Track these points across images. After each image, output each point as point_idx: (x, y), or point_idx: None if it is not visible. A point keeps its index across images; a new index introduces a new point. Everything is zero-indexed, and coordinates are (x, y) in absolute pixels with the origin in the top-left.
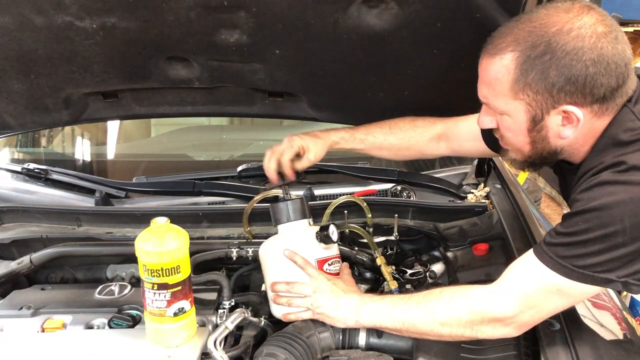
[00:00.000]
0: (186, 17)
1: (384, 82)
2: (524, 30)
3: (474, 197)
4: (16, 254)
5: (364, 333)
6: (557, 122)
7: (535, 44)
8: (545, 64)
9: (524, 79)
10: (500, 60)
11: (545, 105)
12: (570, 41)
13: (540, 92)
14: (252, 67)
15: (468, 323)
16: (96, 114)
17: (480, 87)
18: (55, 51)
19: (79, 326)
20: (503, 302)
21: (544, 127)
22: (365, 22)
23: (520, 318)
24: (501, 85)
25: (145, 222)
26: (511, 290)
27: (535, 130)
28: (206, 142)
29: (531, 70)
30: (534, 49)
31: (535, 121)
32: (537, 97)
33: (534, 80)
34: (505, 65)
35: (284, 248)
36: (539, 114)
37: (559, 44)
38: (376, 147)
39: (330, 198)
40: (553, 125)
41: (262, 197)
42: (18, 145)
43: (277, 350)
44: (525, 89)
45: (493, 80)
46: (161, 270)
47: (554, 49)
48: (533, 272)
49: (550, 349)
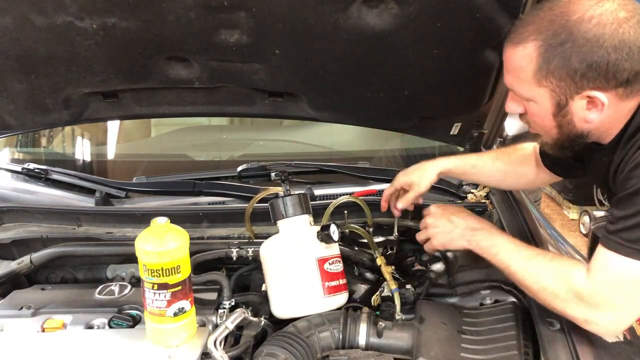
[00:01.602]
0: (186, 17)
1: (384, 82)
2: (545, 19)
3: (473, 197)
4: (16, 254)
5: (364, 333)
6: (582, 107)
7: (557, 32)
8: (566, 51)
9: (547, 67)
10: (523, 49)
11: (568, 91)
12: (591, 29)
13: (563, 78)
14: (252, 67)
15: (562, 299)
16: (96, 114)
17: (505, 74)
18: (55, 51)
19: (79, 326)
20: (594, 288)
21: (568, 112)
22: (365, 22)
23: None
24: (525, 73)
25: (145, 222)
26: (599, 279)
27: (561, 115)
28: (206, 142)
29: (553, 59)
30: (555, 37)
31: (560, 106)
32: (560, 84)
33: (556, 67)
34: (528, 54)
35: (284, 248)
36: (563, 100)
37: (580, 31)
38: (486, 171)
39: (330, 198)
40: (578, 109)
41: (262, 196)
42: (18, 145)
43: (277, 350)
44: (548, 77)
45: (517, 68)
46: (161, 270)
47: (575, 37)
48: (611, 263)
49: (550, 349)
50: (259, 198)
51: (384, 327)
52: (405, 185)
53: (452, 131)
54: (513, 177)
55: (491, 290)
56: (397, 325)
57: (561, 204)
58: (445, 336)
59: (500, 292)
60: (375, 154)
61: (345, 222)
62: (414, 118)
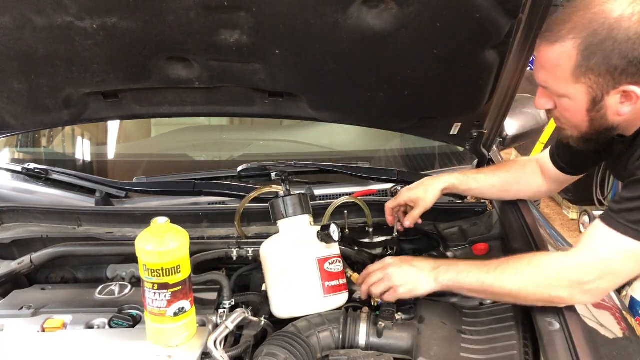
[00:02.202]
0: (186, 18)
1: (384, 82)
2: (584, 18)
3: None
4: (16, 253)
5: (364, 333)
6: (616, 101)
7: (597, 31)
8: (607, 49)
9: (586, 64)
10: (561, 47)
11: (606, 86)
12: (632, 26)
13: (603, 74)
14: (252, 67)
15: (546, 287)
16: (96, 114)
17: (538, 72)
18: (55, 51)
19: (79, 326)
20: (580, 268)
21: (603, 107)
22: (365, 23)
23: (598, 285)
24: (562, 71)
25: (145, 222)
26: (587, 257)
27: (595, 110)
28: (206, 142)
29: (593, 56)
30: (595, 36)
31: (596, 102)
32: (598, 80)
33: (596, 64)
34: (567, 52)
35: (284, 247)
36: (600, 95)
37: (622, 29)
38: (488, 184)
39: (330, 198)
40: (612, 103)
41: (254, 196)
42: (18, 145)
43: (277, 350)
44: (587, 73)
45: (554, 66)
46: (161, 270)
47: (616, 35)
48: (606, 239)
49: (550, 349)
50: (250, 199)
51: (384, 327)
52: (410, 202)
53: (452, 131)
54: (516, 188)
55: None
56: (397, 325)
57: (561, 204)
58: (445, 336)
59: None
60: (375, 154)
61: (345, 222)
62: (414, 118)
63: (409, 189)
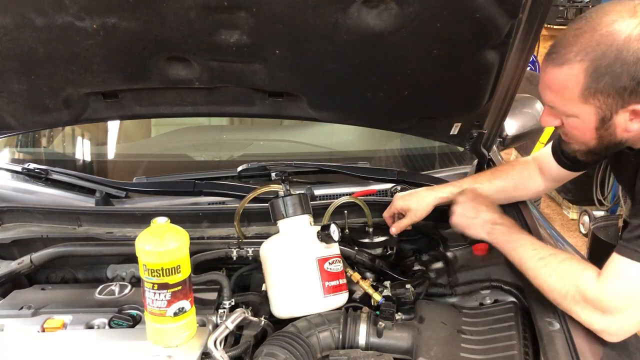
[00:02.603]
0: (186, 18)
1: (384, 82)
2: (591, 40)
3: None
4: (16, 253)
5: (364, 333)
6: (625, 119)
7: (605, 53)
8: (616, 71)
9: (595, 86)
10: (568, 70)
11: (615, 106)
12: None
13: (612, 95)
14: (252, 67)
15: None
16: (96, 114)
17: (545, 93)
18: (55, 51)
19: (79, 326)
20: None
21: (612, 125)
22: (365, 23)
23: (619, 319)
24: (571, 93)
25: (145, 222)
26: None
27: (604, 129)
28: (206, 142)
29: (602, 78)
30: (604, 58)
31: (604, 121)
32: (607, 101)
33: (605, 86)
34: (575, 75)
35: (284, 247)
36: (608, 114)
37: (630, 51)
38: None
39: (330, 198)
40: (621, 121)
41: (254, 196)
42: (18, 145)
43: (277, 350)
44: (596, 95)
45: (561, 88)
46: (161, 270)
47: (625, 57)
48: (623, 268)
49: (550, 349)
50: (250, 198)
51: (384, 327)
52: (402, 210)
53: (452, 131)
54: (514, 194)
55: (491, 290)
56: (397, 325)
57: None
58: (445, 336)
59: (500, 292)
60: (375, 154)
61: (345, 222)
62: (414, 118)
63: (403, 198)
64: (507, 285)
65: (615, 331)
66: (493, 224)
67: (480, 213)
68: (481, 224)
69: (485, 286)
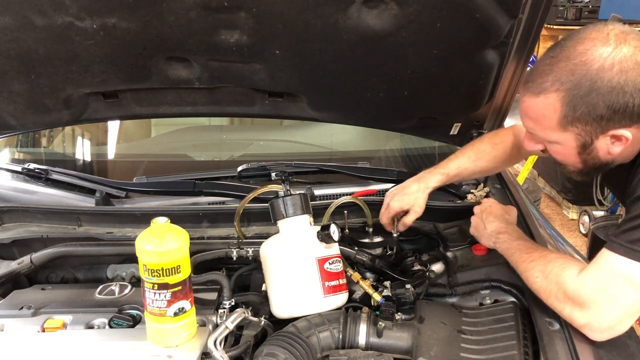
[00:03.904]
0: (186, 18)
1: (384, 82)
2: (565, 69)
3: (473, 197)
4: (17, 253)
5: (364, 333)
6: (607, 143)
7: (580, 83)
8: (592, 100)
9: (572, 114)
10: (545, 100)
11: (594, 132)
12: (614, 76)
13: (590, 123)
14: (253, 68)
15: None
16: (96, 114)
17: (524, 120)
18: (55, 51)
19: (80, 326)
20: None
21: (593, 150)
22: (365, 23)
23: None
24: (549, 121)
25: (145, 222)
26: (588, 278)
27: (586, 153)
28: (206, 142)
29: (579, 107)
30: (579, 88)
31: (585, 146)
32: (586, 128)
33: (582, 115)
34: (551, 104)
35: (284, 247)
36: (589, 140)
37: (604, 80)
38: (469, 174)
39: (330, 198)
40: (602, 145)
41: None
42: (18, 145)
43: (277, 350)
44: (574, 123)
45: (540, 117)
46: (161, 270)
47: (599, 87)
48: (606, 262)
49: (550, 349)
50: (250, 198)
51: (384, 327)
52: (401, 211)
53: (452, 131)
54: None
55: (491, 290)
56: (397, 325)
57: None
58: (445, 336)
59: (500, 292)
60: (375, 154)
61: (345, 222)
62: (414, 118)
63: (397, 200)
64: (507, 285)
65: (597, 326)
66: (498, 234)
67: (488, 224)
68: (488, 235)
69: (485, 286)
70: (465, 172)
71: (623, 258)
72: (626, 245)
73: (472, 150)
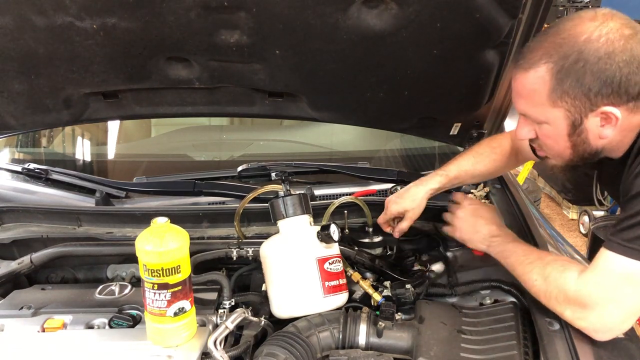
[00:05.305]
0: (186, 18)
1: (384, 82)
2: (553, 43)
3: (473, 197)
4: (17, 253)
5: (364, 333)
6: (597, 124)
7: (567, 53)
8: (579, 70)
9: (561, 87)
10: (535, 73)
11: (583, 109)
12: (601, 47)
13: (578, 97)
14: (252, 68)
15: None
16: (96, 114)
17: (517, 100)
18: (55, 51)
19: (80, 326)
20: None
21: (583, 131)
22: (365, 23)
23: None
24: (539, 96)
25: (145, 222)
26: (589, 279)
27: (576, 135)
28: (206, 142)
29: (567, 79)
30: (566, 58)
31: (575, 125)
32: (575, 103)
33: (570, 87)
34: (541, 77)
35: (284, 247)
36: (578, 119)
37: (591, 50)
38: (469, 177)
39: (330, 198)
40: (593, 127)
41: (254, 196)
42: (18, 145)
43: (277, 350)
44: (563, 97)
45: (530, 92)
46: (161, 270)
47: (587, 56)
48: (605, 262)
49: (550, 349)
50: (250, 199)
51: (384, 327)
52: (398, 214)
53: (452, 131)
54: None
55: (491, 290)
56: (397, 325)
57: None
58: (445, 336)
59: (500, 292)
60: (375, 154)
61: (345, 222)
62: (414, 118)
63: (396, 202)
64: (507, 285)
65: (600, 327)
66: (491, 237)
67: (479, 227)
68: (480, 239)
69: (485, 286)
70: (465, 175)
71: (622, 257)
72: (624, 243)
73: (470, 153)
